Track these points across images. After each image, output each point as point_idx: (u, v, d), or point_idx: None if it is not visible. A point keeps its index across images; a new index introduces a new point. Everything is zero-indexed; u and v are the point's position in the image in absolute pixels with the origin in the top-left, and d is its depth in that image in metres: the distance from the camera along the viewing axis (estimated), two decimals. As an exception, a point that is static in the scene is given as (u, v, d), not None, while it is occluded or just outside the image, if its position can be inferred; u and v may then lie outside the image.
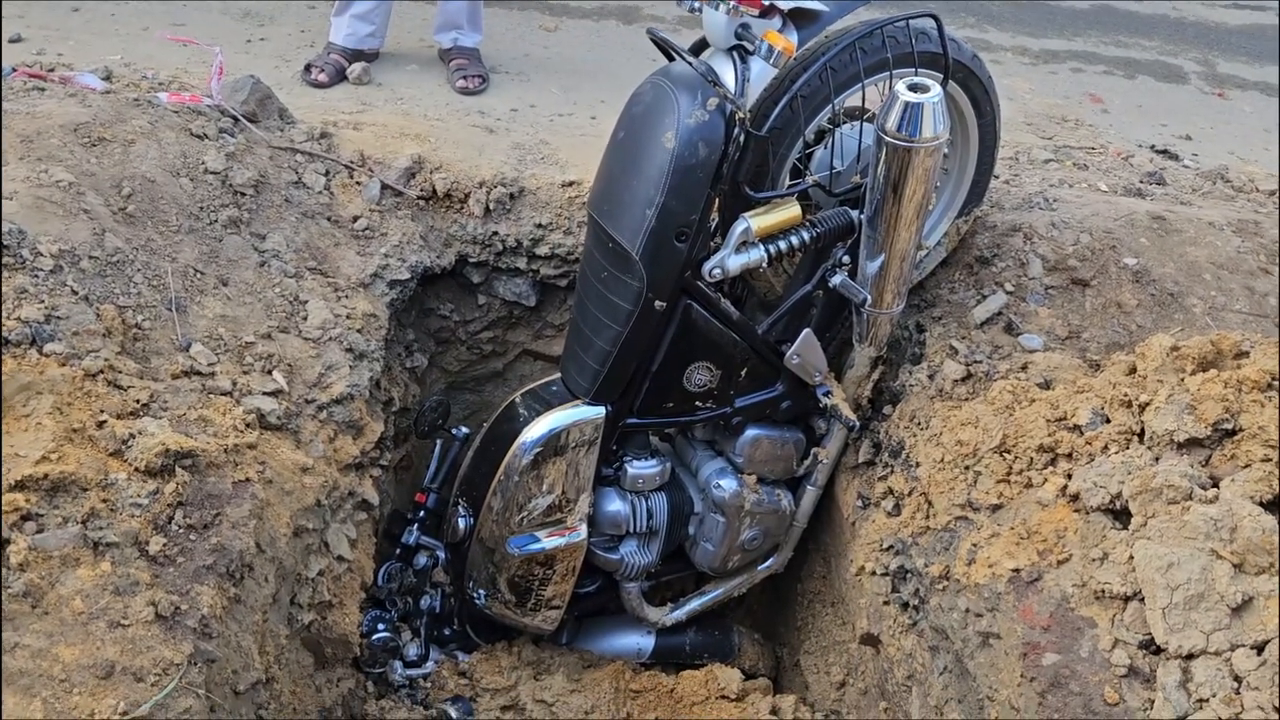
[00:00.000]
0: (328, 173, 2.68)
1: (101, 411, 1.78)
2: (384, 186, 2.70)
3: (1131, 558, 1.67)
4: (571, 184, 2.83)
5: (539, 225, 2.80)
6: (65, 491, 1.64)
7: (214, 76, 2.69)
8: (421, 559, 2.55)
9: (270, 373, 2.13)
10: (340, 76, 3.37)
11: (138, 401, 1.85)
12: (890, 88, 2.05)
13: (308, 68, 3.37)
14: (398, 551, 2.54)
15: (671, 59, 2.17)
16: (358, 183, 2.70)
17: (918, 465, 2.21)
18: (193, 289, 2.21)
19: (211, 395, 1.99)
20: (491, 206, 2.79)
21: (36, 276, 1.95)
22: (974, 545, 1.98)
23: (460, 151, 2.91)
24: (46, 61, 3.04)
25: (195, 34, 3.55)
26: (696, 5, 2.09)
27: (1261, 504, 1.64)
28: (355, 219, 2.63)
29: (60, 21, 3.52)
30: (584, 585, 2.61)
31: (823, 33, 2.19)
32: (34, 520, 1.58)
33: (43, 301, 1.90)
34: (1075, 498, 1.86)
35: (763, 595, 3.06)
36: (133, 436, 1.76)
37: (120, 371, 1.88)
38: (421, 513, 2.58)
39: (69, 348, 1.85)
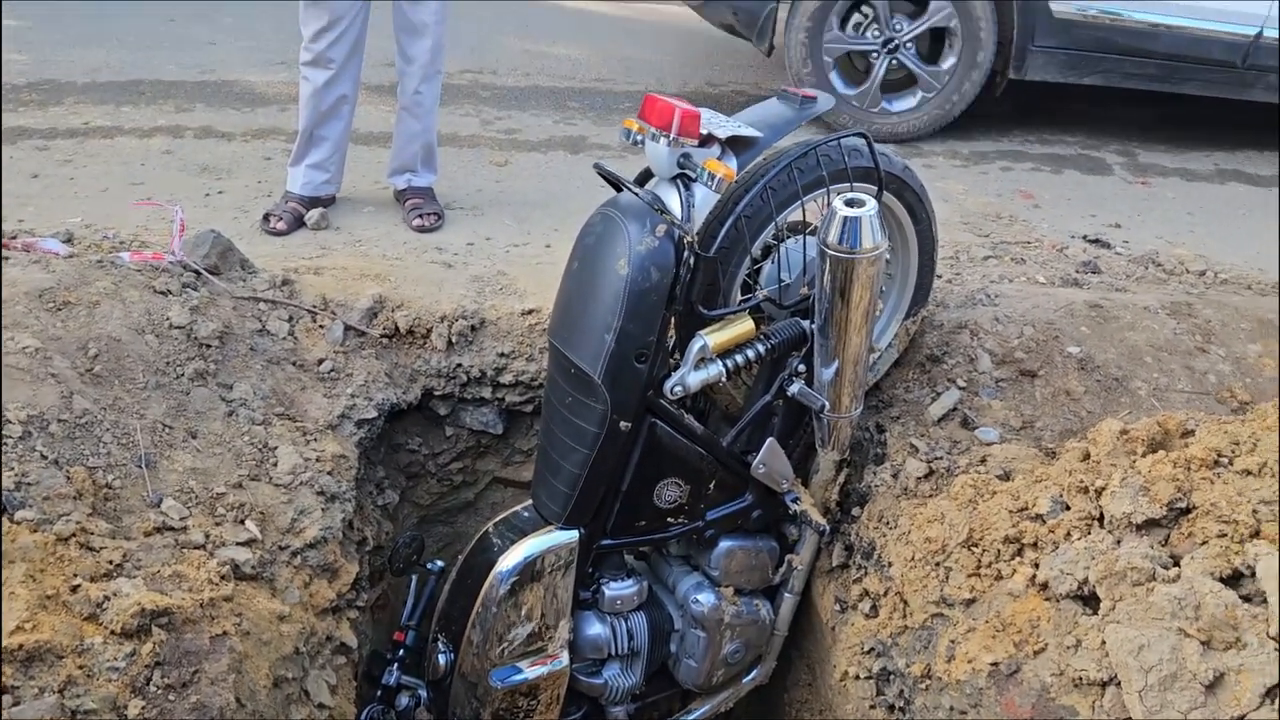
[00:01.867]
0: (291, 318, 2.73)
1: (75, 575, 1.78)
2: (347, 328, 2.76)
3: (1104, 643, 1.70)
4: (531, 312, 2.90)
5: (501, 354, 2.86)
6: (41, 660, 1.62)
7: (175, 235, 2.75)
8: (403, 699, 2.51)
9: (243, 522, 2.14)
10: (299, 223, 3.46)
11: (110, 562, 1.85)
12: (828, 203, 2.15)
13: (266, 217, 3.45)
14: (379, 694, 2.50)
15: (619, 190, 2.27)
16: (321, 326, 2.75)
17: (890, 565, 2.25)
18: (162, 444, 2.23)
19: (185, 550, 1.99)
20: (454, 339, 2.85)
21: (6, 444, 1.96)
22: (952, 641, 2.00)
23: (420, 288, 2.98)
24: (8, 229, 3.10)
25: (154, 191, 3.64)
26: (639, 138, 2.19)
27: (1221, 579, 1.69)
28: (320, 362, 2.67)
29: (20, 189, 3.60)
30: (569, 712, 2.58)
31: (760, 155, 2.30)
32: (9, 693, 1.57)
33: (13, 469, 1.91)
34: (1044, 586, 1.90)
35: (750, 708, 3.03)
36: (107, 599, 1.75)
37: (92, 533, 1.89)
38: (401, 652, 2.55)
39: (40, 513, 1.86)
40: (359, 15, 3.31)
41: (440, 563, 2.64)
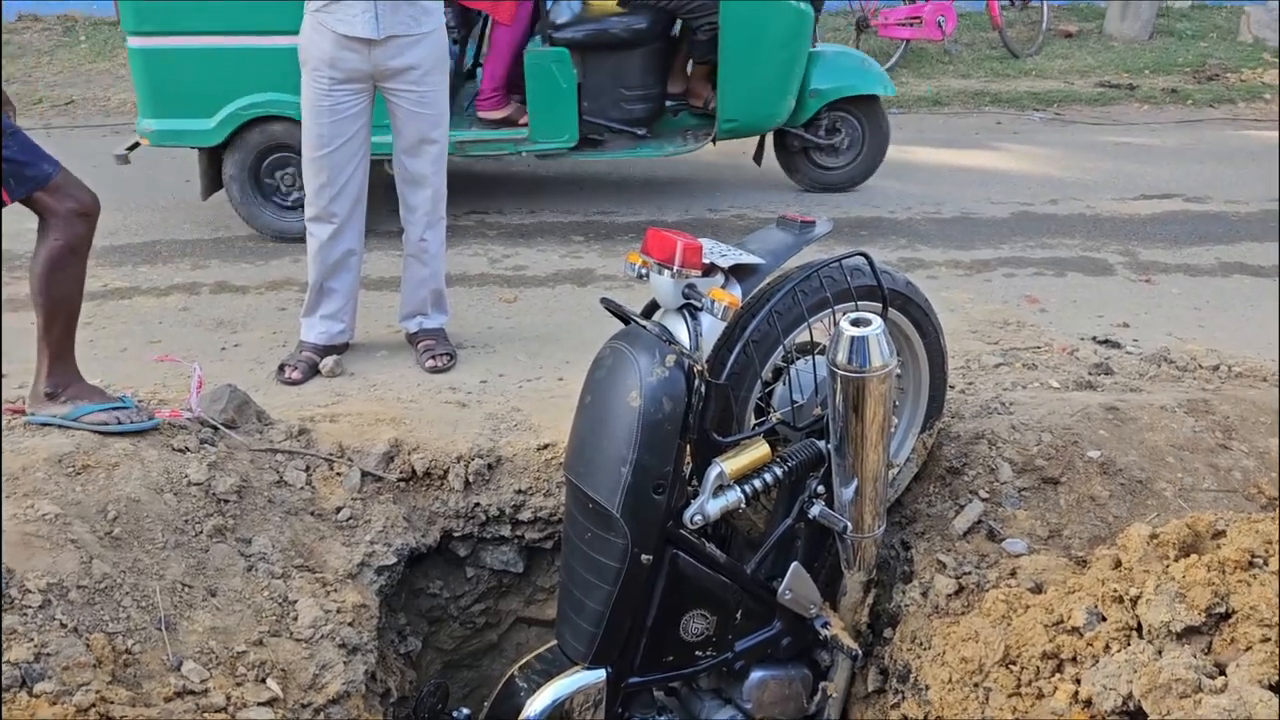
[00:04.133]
0: (308, 468, 2.74)
1: (94, 749, 1.74)
2: (364, 474, 2.76)
3: (1156, 762, 1.64)
4: (546, 447, 2.90)
5: (519, 491, 2.85)
6: (59, 842, 1.58)
7: (194, 392, 2.79)
8: None
9: (264, 680, 2.11)
10: (314, 372, 3.50)
11: (130, 732, 1.82)
12: (835, 323, 2.17)
13: (281, 367, 3.50)
14: None
15: (626, 323, 2.30)
16: (338, 473, 2.76)
17: (927, 688, 2.18)
18: (181, 604, 2.21)
19: (206, 714, 1.95)
20: (471, 479, 2.84)
21: (25, 614, 1.95)
22: (999, 767, 1.93)
23: (435, 429, 2.99)
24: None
25: (171, 348, 3.71)
26: (643, 271, 2.23)
27: (1270, 687, 1.63)
28: (338, 510, 2.67)
29: (41, 353, 3.66)
30: None
31: (764, 281, 2.34)
32: None
33: (32, 640, 1.90)
34: (1089, 703, 1.84)
35: (795, 847, 2.90)
36: (127, 771, 1.71)
37: (112, 702, 1.86)
38: (429, 807, 2.47)
39: (59, 684, 1.83)
40: (358, 170, 3.42)
41: (466, 710, 2.57)
